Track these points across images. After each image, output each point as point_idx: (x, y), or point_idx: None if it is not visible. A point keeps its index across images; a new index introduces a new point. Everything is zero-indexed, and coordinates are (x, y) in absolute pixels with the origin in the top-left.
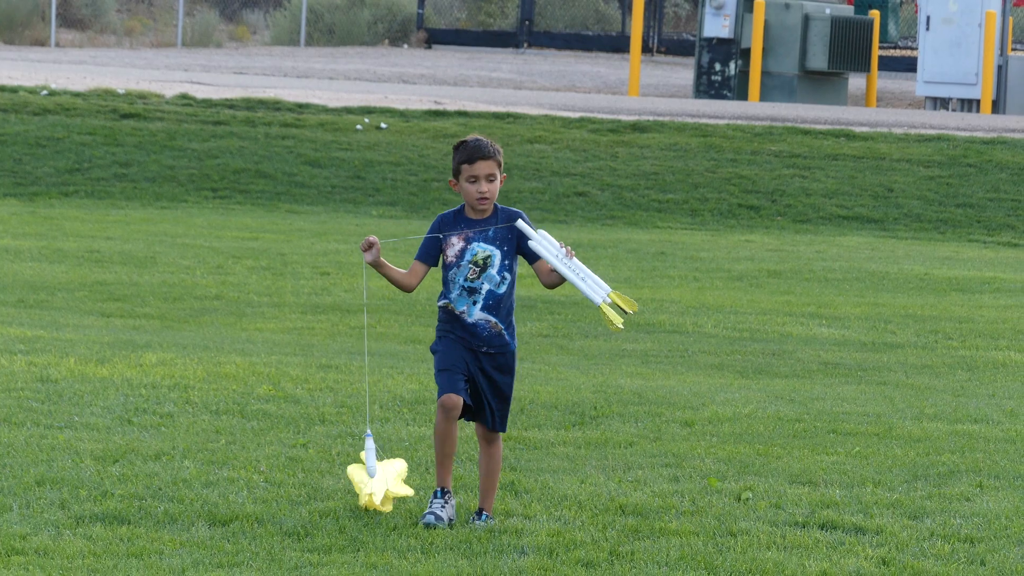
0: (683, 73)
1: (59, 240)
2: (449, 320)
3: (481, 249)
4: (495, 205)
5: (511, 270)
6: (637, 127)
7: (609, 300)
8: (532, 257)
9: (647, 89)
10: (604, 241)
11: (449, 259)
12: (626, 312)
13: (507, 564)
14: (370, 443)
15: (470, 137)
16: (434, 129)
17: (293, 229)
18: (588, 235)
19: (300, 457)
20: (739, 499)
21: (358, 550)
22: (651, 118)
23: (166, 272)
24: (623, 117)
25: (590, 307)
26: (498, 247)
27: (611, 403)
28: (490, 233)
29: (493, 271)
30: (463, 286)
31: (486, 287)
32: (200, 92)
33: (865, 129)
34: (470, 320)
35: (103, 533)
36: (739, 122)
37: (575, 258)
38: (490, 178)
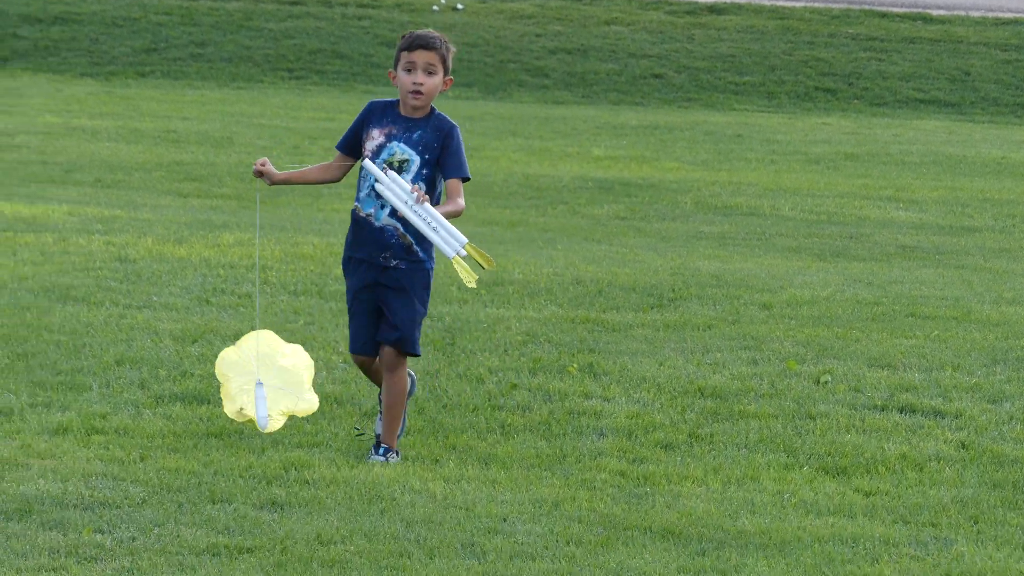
0: None
1: (135, 120)
2: (355, 230)
3: (400, 150)
4: (433, 109)
5: (429, 181)
6: (714, 9)
7: (464, 253)
8: (445, 169)
9: None
10: (680, 123)
11: (366, 153)
12: (482, 267)
13: (586, 445)
14: (260, 391)
15: (419, 29)
16: (510, 10)
17: None
18: (664, 117)
19: None
20: (818, 382)
21: (437, 432)
22: (728, 0)
23: (243, 152)
24: None
25: (667, 189)
26: (419, 153)
27: (689, 285)
28: (414, 135)
29: (407, 176)
30: (372, 186)
31: None
32: None
33: (942, 12)
34: (377, 224)
35: (183, 412)
36: (816, 5)
37: (427, 204)
38: (429, 70)
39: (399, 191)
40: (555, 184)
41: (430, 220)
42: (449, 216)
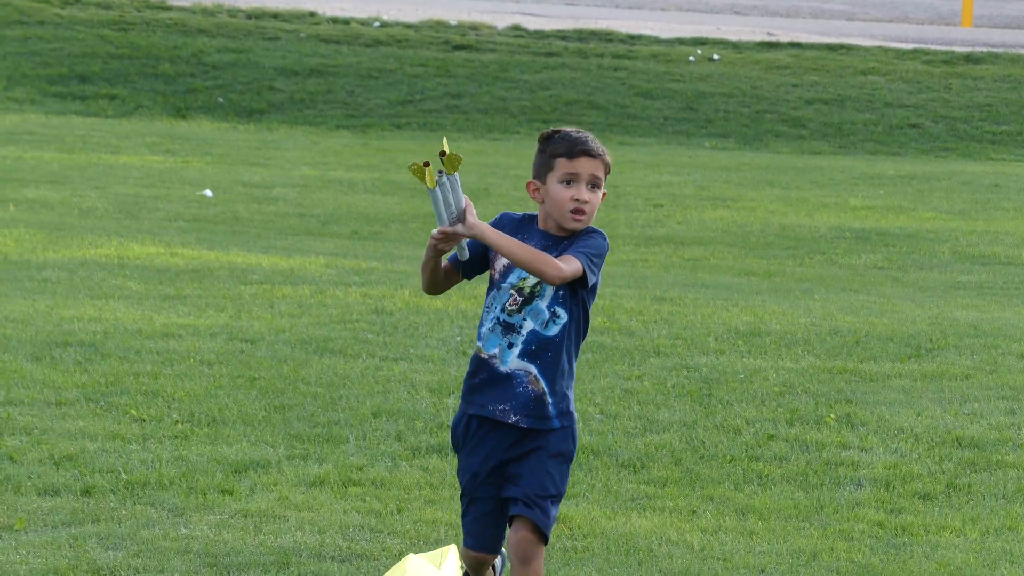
0: (1017, 4)
1: (391, 172)
2: (476, 374)
3: None
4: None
5: (569, 305)
6: (970, 58)
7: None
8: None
9: (980, 20)
10: (937, 173)
11: (495, 275)
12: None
13: (844, 496)
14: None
15: (566, 128)
16: (766, 60)
17: (625, 161)
18: (921, 167)
19: (635, 389)
20: None
21: (694, 483)
22: (984, 49)
23: (499, 204)
24: (956, 48)
25: (925, 238)
26: None
27: (947, 335)
28: (554, 254)
29: (541, 303)
30: (498, 318)
31: (529, 325)
32: (532, 23)
33: None
34: (503, 368)
35: (439, 464)
36: None
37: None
38: (594, 184)
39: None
40: (812, 234)
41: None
42: (526, 258)
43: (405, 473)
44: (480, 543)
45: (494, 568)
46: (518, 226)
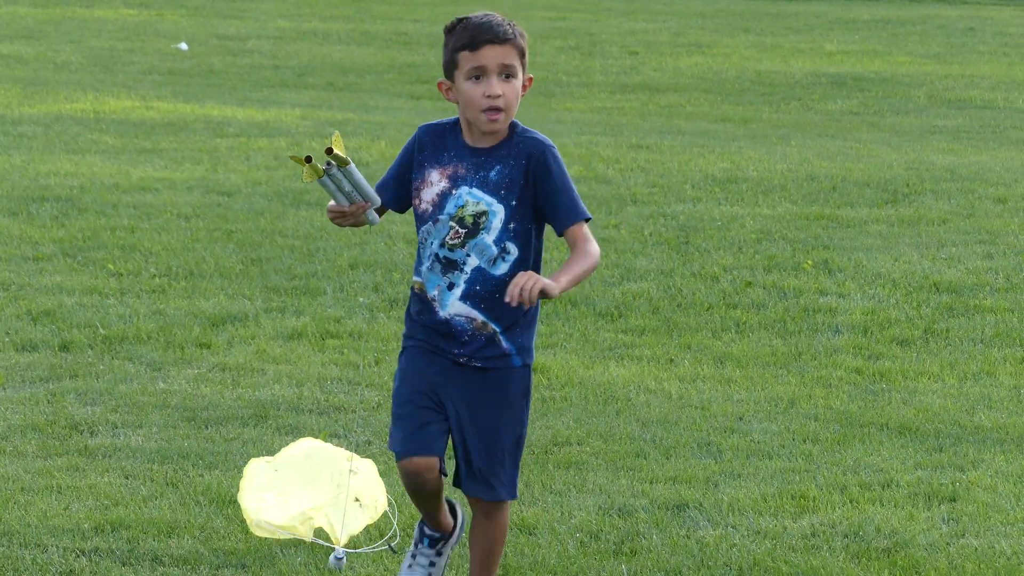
0: None
1: (367, 23)
2: (419, 311)
3: (472, 198)
4: (515, 126)
5: (521, 240)
6: None
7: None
8: (555, 217)
9: None
10: (912, 17)
11: (422, 206)
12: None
13: (821, 343)
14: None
15: (473, 14)
16: None
17: (601, 8)
18: (896, 11)
19: (612, 238)
20: None
21: (671, 331)
22: None
23: None
24: None
25: (900, 83)
26: (502, 199)
27: (923, 180)
28: (491, 173)
29: (487, 237)
30: (436, 254)
31: (473, 262)
32: None
33: None
34: (442, 314)
35: None
36: None
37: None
38: (507, 73)
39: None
40: (787, 80)
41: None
42: (585, 275)
43: (382, 325)
44: (412, 446)
45: (454, 515)
46: (440, 141)
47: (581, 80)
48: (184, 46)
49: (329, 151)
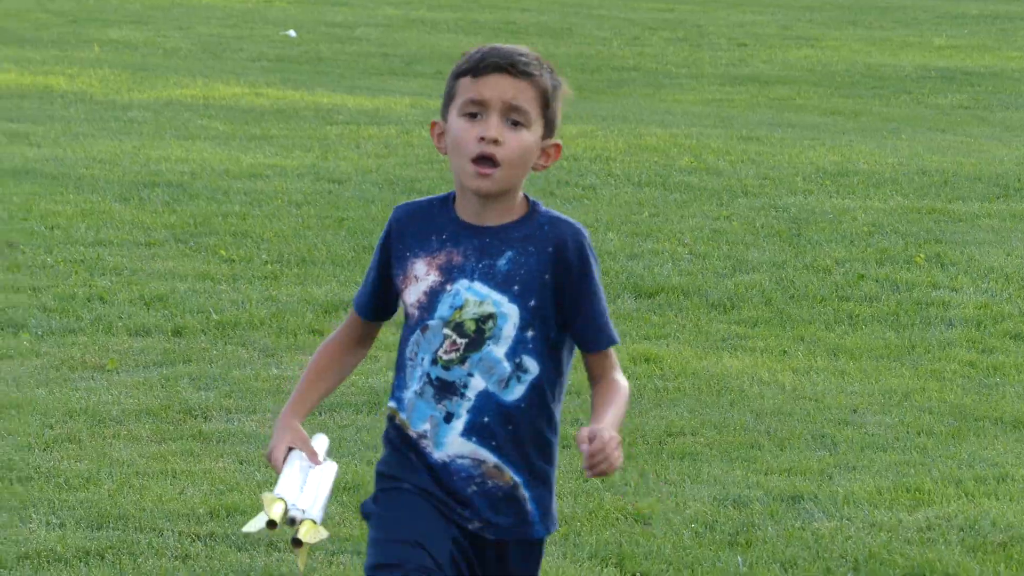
0: None
1: (474, 12)
2: (399, 447)
3: (473, 296)
4: (531, 203)
5: (543, 353)
6: None
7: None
8: (585, 334)
9: None
10: (1021, 12)
11: (409, 305)
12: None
13: (935, 336)
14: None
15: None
16: None
17: (708, 0)
18: (1005, 6)
19: (724, 229)
20: None
21: (784, 323)
22: None
23: (583, 43)
24: None
25: (1010, 78)
26: (515, 296)
27: None
28: (499, 260)
29: (496, 349)
30: (428, 374)
31: (477, 384)
32: None
33: None
34: (437, 456)
35: None
36: None
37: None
38: (514, 118)
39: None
40: (897, 73)
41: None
42: (621, 421)
43: None
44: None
45: None
46: (425, 221)
47: (690, 72)
48: (292, 33)
49: (297, 542)
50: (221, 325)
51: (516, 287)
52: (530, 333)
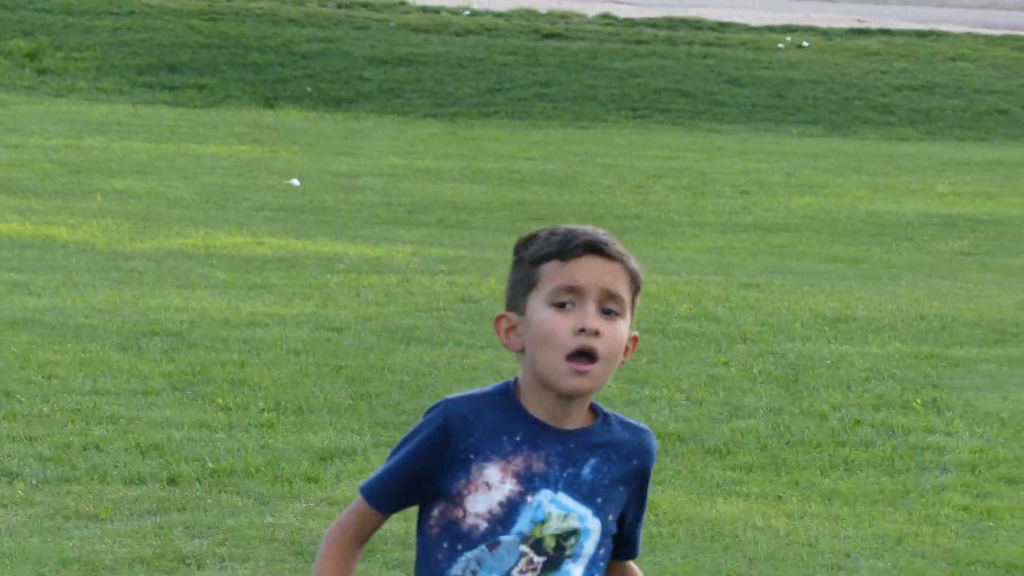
0: None
1: (479, 161)
2: None
3: (558, 509)
4: (594, 407)
5: (603, 572)
6: None
7: None
8: (629, 542)
9: None
10: None
11: (467, 521)
12: None
13: (929, 480)
14: None
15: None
16: (856, 47)
17: (713, 148)
18: (1009, 153)
19: (721, 375)
20: None
21: (780, 468)
22: None
23: (586, 192)
24: None
25: (1012, 224)
26: (599, 510)
27: None
28: (585, 469)
29: (573, 569)
30: None
31: None
32: (622, 12)
33: None
34: None
35: None
36: None
37: None
38: (610, 308)
39: None
40: (899, 220)
41: None
42: None
43: None
44: None
45: None
46: (493, 418)
47: (693, 220)
48: (296, 182)
49: None
50: (216, 473)
51: (599, 499)
52: (603, 551)
